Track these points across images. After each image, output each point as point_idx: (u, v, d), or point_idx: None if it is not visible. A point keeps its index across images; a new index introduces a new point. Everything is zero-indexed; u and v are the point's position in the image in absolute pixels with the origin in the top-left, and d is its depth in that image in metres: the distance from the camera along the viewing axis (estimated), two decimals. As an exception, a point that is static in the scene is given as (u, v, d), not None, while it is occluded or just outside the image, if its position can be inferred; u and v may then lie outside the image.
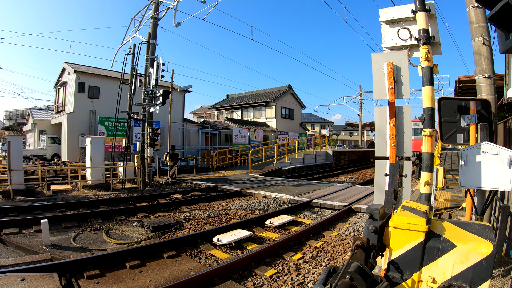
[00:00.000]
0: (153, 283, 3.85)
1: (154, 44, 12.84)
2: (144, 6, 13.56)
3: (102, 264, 4.27)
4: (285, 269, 4.35)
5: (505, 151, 3.43)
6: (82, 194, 10.23)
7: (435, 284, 1.87)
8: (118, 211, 7.54)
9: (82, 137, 19.70)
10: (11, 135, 28.87)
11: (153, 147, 12.63)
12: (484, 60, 5.19)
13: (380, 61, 3.85)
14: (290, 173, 19.04)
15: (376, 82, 3.88)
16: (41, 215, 6.99)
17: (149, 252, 4.80)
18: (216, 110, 39.92)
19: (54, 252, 4.92)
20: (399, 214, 2.07)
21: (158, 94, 11.96)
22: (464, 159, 3.65)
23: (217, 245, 5.28)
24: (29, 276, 3.49)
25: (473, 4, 5.16)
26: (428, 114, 3.53)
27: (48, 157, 22.44)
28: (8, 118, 57.75)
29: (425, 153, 3.60)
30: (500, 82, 7.05)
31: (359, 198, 9.13)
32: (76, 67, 22.09)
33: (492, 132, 4.42)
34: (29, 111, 29.67)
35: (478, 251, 1.79)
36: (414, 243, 1.95)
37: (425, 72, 3.54)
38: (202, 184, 12.73)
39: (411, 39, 3.99)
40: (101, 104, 21.71)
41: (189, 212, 7.87)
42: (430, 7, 3.74)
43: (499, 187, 3.49)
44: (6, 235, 5.61)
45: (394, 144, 3.69)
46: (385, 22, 4.21)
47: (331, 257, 4.85)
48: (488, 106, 4.67)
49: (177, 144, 23.53)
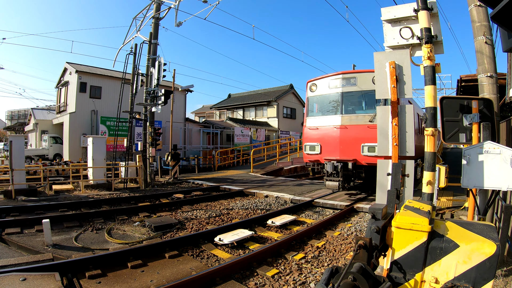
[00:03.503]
0: (154, 283, 3.85)
1: (156, 44, 12.85)
2: (145, 6, 13.58)
3: (103, 264, 4.27)
4: (287, 269, 4.34)
5: (507, 151, 3.41)
6: (84, 194, 10.25)
7: (438, 284, 1.86)
8: (120, 211, 7.55)
9: (84, 137, 19.73)
10: (13, 135, 28.96)
11: (154, 146, 12.64)
12: (486, 59, 5.16)
13: (382, 60, 3.83)
14: (292, 172, 19.02)
15: (378, 81, 3.87)
16: (43, 215, 7.01)
17: (151, 252, 4.80)
18: (217, 109, 39.92)
19: (56, 252, 4.93)
20: (401, 214, 2.06)
21: (160, 94, 11.97)
22: (466, 158, 3.63)
23: (219, 245, 5.28)
24: (30, 276, 3.49)
25: (475, 3, 5.13)
26: (431, 113, 3.51)
27: (50, 157, 22.51)
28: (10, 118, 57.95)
29: (427, 153, 3.58)
30: (502, 81, 7.02)
31: (361, 197, 9.12)
32: (78, 67, 22.13)
33: (495, 132, 4.40)
34: (31, 111, 29.75)
35: (481, 251, 1.78)
36: (417, 243, 1.94)
37: (427, 71, 3.52)
38: (204, 184, 12.73)
39: (413, 38, 3.97)
40: (102, 104, 21.73)
41: (191, 211, 7.87)
42: (432, 6, 3.72)
43: (502, 187, 3.48)
44: (8, 235, 5.62)
45: (396, 144, 3.68)
46: (387, 21, 4.20)
47: (333, 257, 4.84)
48: (490, 105, 4.65)
49: (179, 143, 23.55)
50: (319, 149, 9.62)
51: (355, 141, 8.81)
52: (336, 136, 9.25)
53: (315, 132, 9.84)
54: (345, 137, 9.06)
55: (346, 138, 9.03)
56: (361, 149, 8.62)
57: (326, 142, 9.49)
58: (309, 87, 10.33)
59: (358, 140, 8.73)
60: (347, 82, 9.22)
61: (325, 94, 9.76)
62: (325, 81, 9.75)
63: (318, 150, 9.64)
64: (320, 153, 9.61)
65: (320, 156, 9.61)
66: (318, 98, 10.02)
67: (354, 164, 8.81)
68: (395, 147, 3.69)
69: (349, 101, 9.30)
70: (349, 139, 8.93)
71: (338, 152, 9.12)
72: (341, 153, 9.08)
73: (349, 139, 8.93)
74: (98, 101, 21.74)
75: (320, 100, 10.02)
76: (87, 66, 23.58)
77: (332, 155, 9.30)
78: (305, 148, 10.06)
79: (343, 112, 9.23)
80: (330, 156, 9.31)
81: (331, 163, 8.88)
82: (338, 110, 9.31)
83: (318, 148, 9.64)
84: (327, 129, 9.51)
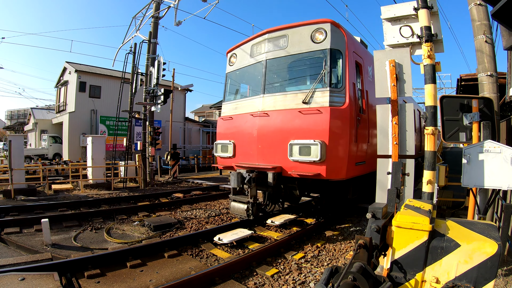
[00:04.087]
0: (153, 282, 3.84)
1: (155, 43, 12.82)
2: (145, 5, 13.54)
3: (102, 263, 4.26)
4: (287, 268, 4.33)
5: (508, 150, 3.40)
6: (83, 193, 10.24)
7: (439, 284, 1.85)
8: (119, 210, 7.53)
9: (83, 137, 19.72)
10: (12, 134, 28.94)
11: (154, 146, 12.62)
12: (486, 58, 5.15)
13: (382, 59, 3.82)
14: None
15: (378, 79, 3.85)
16: (42, 214, 6.99)
17: (150, 251, 4.78)
18: (217, 109, 39.82)
19: (55, 251, 4.92)
20: (402, 213, 2.04)
21: (159, 93, 11.95)
22: (467, 157, 3.62)
23: (218, 244, 5.27)
24: (29, 276, 3.48)
25: (475, 1, 5.12)
26: (431, 112, 3.50)
27: (49, 156, 22.49)
28: (10, 117, 57.92)
29: (427, 152, 3.57)
30: (502, 80, 7.01)
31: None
32: (77, 66, 22.10)
33: (495, 131, 4.38)
34: (31, 111, 29.74)
35: (482, 250, 1.77)
36: (417, 242, 1.93)
37: (427, 70, 3.50)
38: (204, 183, 12.72)
39: (413, 37, 3.95)
40: (102, 104, 21.72)
41: (190, 211, 7.86)
42: (432, 4, 3.71)
43: (502, 186, 3.46)
44: (7, 235, 5.61)
45: (396, 142, 3.66)
46: (387, 20, 4.18)
47: (333, 256, 4.82)
48: (490, 104, 4.64)
49: (179, 143, 23.55)
50: (232, 150, 6.43)
51: (280, 136, 5.52)
52: (252, 128, 5.97)
53: (229, 125, 6.69)
54: (266, 129, 5.77)
55: (267, 131, 5.75)
56: (288, 150, 5.33)
57: (241, 139, 6.29)
58: (228, 59, 7.15)
59: (285, 135, 5.45)
60: (275, 45, 5.97)
61: (244, 67, 6.60)
62: (247, 48, 6.59)
63: (231, 151, 6.44)
64: (234, 156, 6.42)
65: (234, 160, 6.39)
66: (237, 73, 6.90)
67: (278, 175, 5.50)
68: (395, 146, 3.68)
69: (274, 74, 6.11)
70: (272, 133, 5.65)
71: (256, 154, 5.91)
72: (260, 156, 5.85)
73: (272, 133, 5.65)
74: (98, 101, 21.73)
75: (239, 76, 6.95)
76: (87, 66, 23.56)
77: (249, 159, 6.07)
78: (216, 148, 6.89)
79: (265, 91, 5.93)
80: (246, 162, 6.09)
81: (235, 174, 5.61)
82: (260, 88, 6.02)
83: (231, 148, 6.44)
84: (243, 119, 6.26)
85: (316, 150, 5.02)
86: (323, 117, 5.08)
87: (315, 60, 5.57)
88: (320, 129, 5.08)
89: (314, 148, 5.05)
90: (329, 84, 5.21)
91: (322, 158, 4.98)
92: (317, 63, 5.49)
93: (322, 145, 4.97)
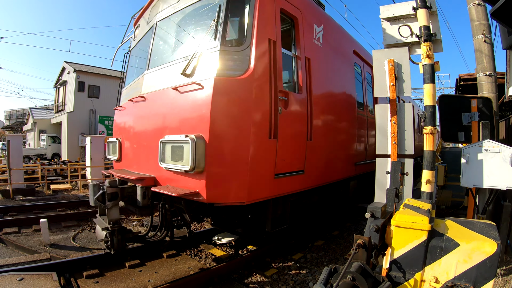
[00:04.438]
0: (152, 282, 3.83)
1: (154, 43, 12.77)
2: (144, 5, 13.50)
3: (101, 263, 4.26)
4: (286, 268, 4.32)
5: (507, 149, 3.40)
6: (82, 193, 10.21)
7: (438, 284, 1.84)
8: (118, 210, 7.51)
9: (82, 136, 19.69)
10: (11, 134, 28.87)
11: (153, 146, 12.57)
12: (485, 58, 5.16)
13: (381, 58, 3.81)
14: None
15: (377, 79, 3.85)
16: (41, 214, 6.97)
17: (149, 251, 4.77)
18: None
19: (54, 251, 4.91)
20: (401, 212, 2.04)
21: (158, 93, 11.89)
22: (465, 157, 3.62)
23: (217, 244, 5.26)
24: (28, 276, 3.47)
25: (474, 1, 5.13)
26: (430, 111, 3.50)
27: (48, 156, 22.44)
28: (8, 117, 57.78)
29: (426, 151, 3.56)
30: (501, 80, 7.03)
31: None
32: (76, 66, 22.07)
33: (494, 130, 4.39)
34: (29, 111, 29.70)
35: (482, 250, 1.77)
36: (416, 242, 1.92)
37: (426, 70, 3.50)
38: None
39: (412, 36, 3.95)
40: (101, 103, 21.69)
41: (189, 211, 7.84)
42: (431, 4, 3.71)
43: (501, 186, 3.47)
44: (5, 235, 5.59)
45: (395, 142, 3.66)
46: (385, 20, 4.17)
47: (332, 256, 4.82)
48: (489, 104, 4.65)
49: (177, 143, 23.50)
50: (118, 151, 4.85)
51: (155, 131, 3.83)
52: (131, 120, 4.47)
53: (118, 117, 5.24)
54: (140, 121, 4.23)
55: (141, 123, 4.20)
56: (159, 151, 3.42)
57: (124, 135, 4.78)
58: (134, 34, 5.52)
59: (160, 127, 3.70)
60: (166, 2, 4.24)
61: (142, 38, 4.96)
62: (147, 13, 4.95)
63: (117, 152, 4.85)
64: (119, 160, 4.85)
65: (120, 165, 4.81)
66: (136, 49, 5.24)
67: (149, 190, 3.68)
68: (394, 145, 3.68)
69: (162, 40, 4.35)
70: (146, 126, 4.06)
71: (133, 157, 4.38)
72: (136, 160, 4.28)
73: (146, 126, 4.06)
74: (96, 100, 21.69)
75: (136, 52, 5.21)
76: (85, 65, 23.52)
77: (131, 164, 4.44)
78: (108, 149, 5.29)
79: (149, 65, 4.29)
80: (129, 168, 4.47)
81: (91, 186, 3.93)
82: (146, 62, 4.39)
83: (117, 148, 4.85)
84: (127, 108, 4.79)
85: (187, 152, 3.04)
86: (202, 95, 3.17)
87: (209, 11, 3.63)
88: (196, 116, 3.20)
89: (186, 149, 3.08)
90: (220, 40, 3.25)
91: (199, 167, 3.02)
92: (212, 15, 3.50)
93: (197, 143, 3.01)
